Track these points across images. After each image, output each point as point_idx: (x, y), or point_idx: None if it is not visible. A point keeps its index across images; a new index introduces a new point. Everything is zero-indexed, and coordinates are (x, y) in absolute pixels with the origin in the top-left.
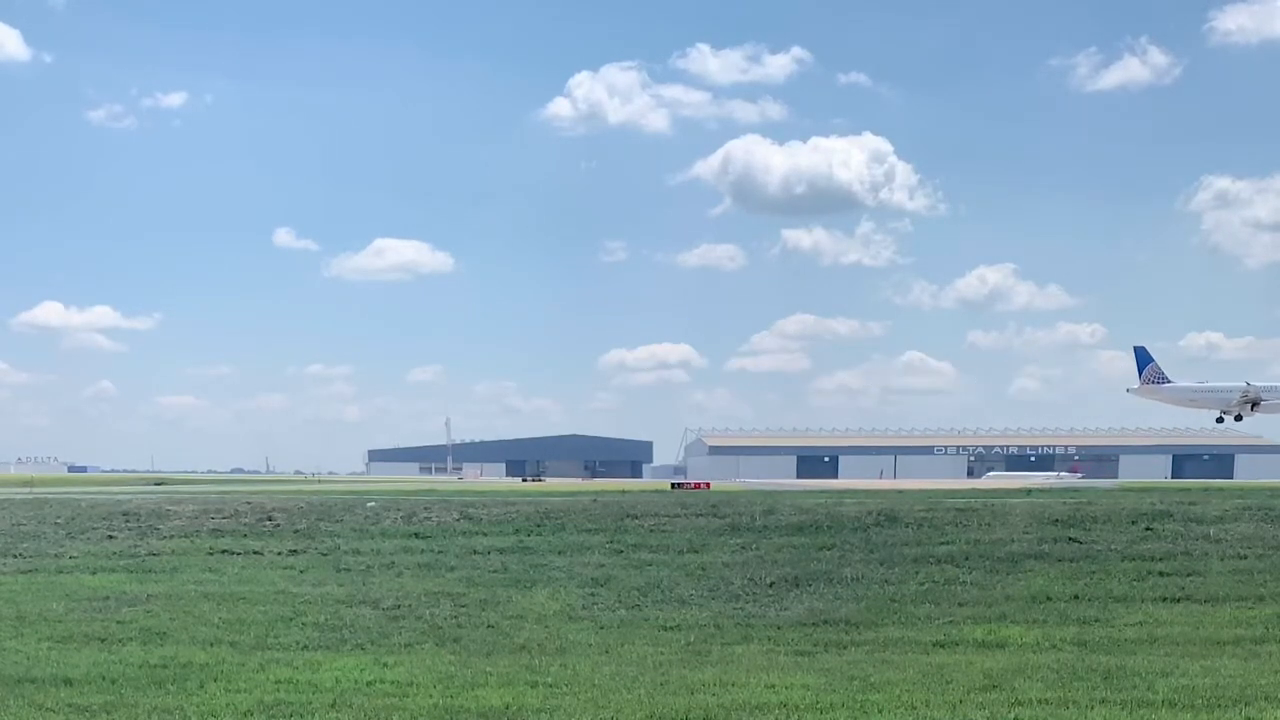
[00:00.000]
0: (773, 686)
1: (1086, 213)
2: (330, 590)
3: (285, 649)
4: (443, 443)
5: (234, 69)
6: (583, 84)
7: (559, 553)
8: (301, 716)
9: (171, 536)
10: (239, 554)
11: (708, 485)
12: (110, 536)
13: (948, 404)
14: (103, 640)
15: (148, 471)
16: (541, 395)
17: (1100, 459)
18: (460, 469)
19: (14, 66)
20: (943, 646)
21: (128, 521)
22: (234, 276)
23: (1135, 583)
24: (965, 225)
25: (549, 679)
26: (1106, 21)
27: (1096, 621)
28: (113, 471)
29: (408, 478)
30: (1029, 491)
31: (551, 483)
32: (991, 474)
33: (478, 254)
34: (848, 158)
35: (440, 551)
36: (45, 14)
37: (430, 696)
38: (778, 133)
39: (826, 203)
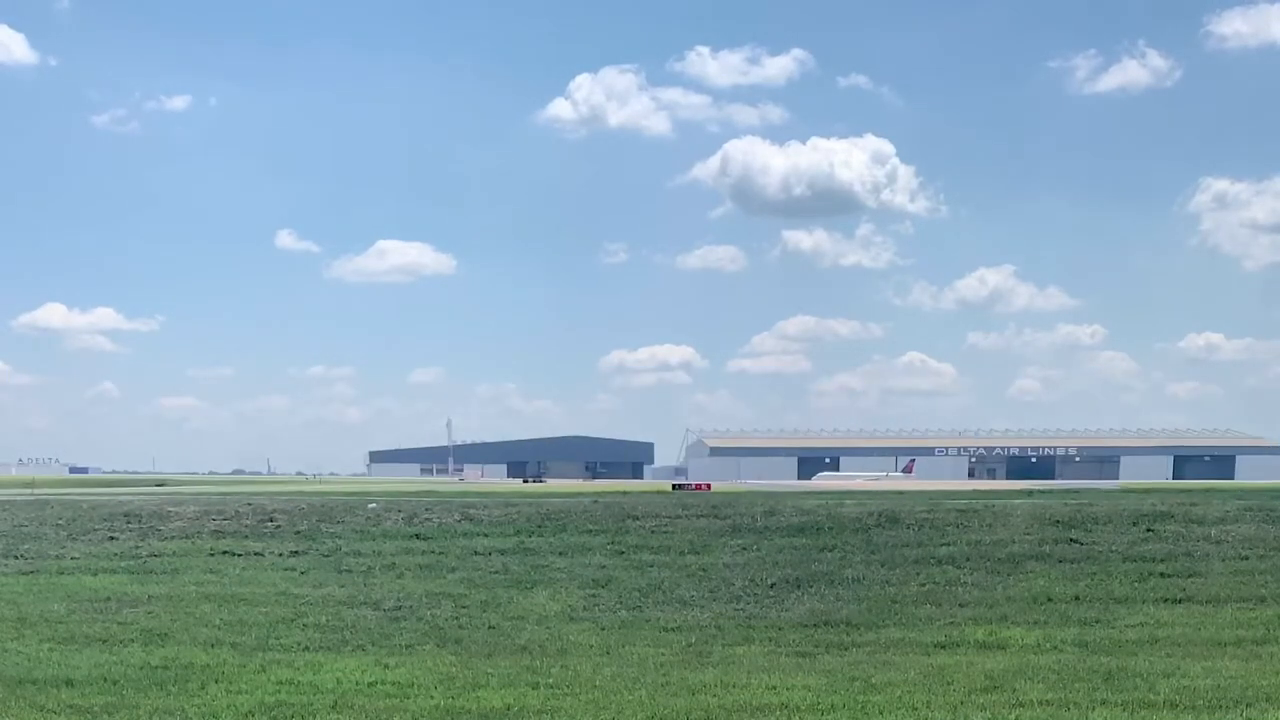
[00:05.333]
0: (774, 687)
1: (1086, 214)
2: (331, 591)
3: (286, 650)
4: (444, 444)
5: (237, 72)
6: (583, 86)
7: (560, 554)
8: (303, 717)
9: (173, 538)
10: (240, 555)
11: (709, 486)
12: (111, 538)
13: (948, 405)
14: (104, 641)
15: (149, 473)
16: (542, 396)
17: (1101, 460)
18: (461, 470)
19: (19, 70)
20: (944, 647)
21: (129, 523)
22: (236, 278)
23: (1136, 584)
24: (965, 227)
25: (550, 680)
26: (1105, 25)
27: (1098, 622)
28: (114, 473)
29: (409, 479)
30: (1030, 493)
31: (552, 484)
32: (822, 475)
33: (479, 256)
34: (849, 159)
35: (441, 553)
36: (50, 18)
37: (431, 697)
38: (778, 135)
39: (827, 204)
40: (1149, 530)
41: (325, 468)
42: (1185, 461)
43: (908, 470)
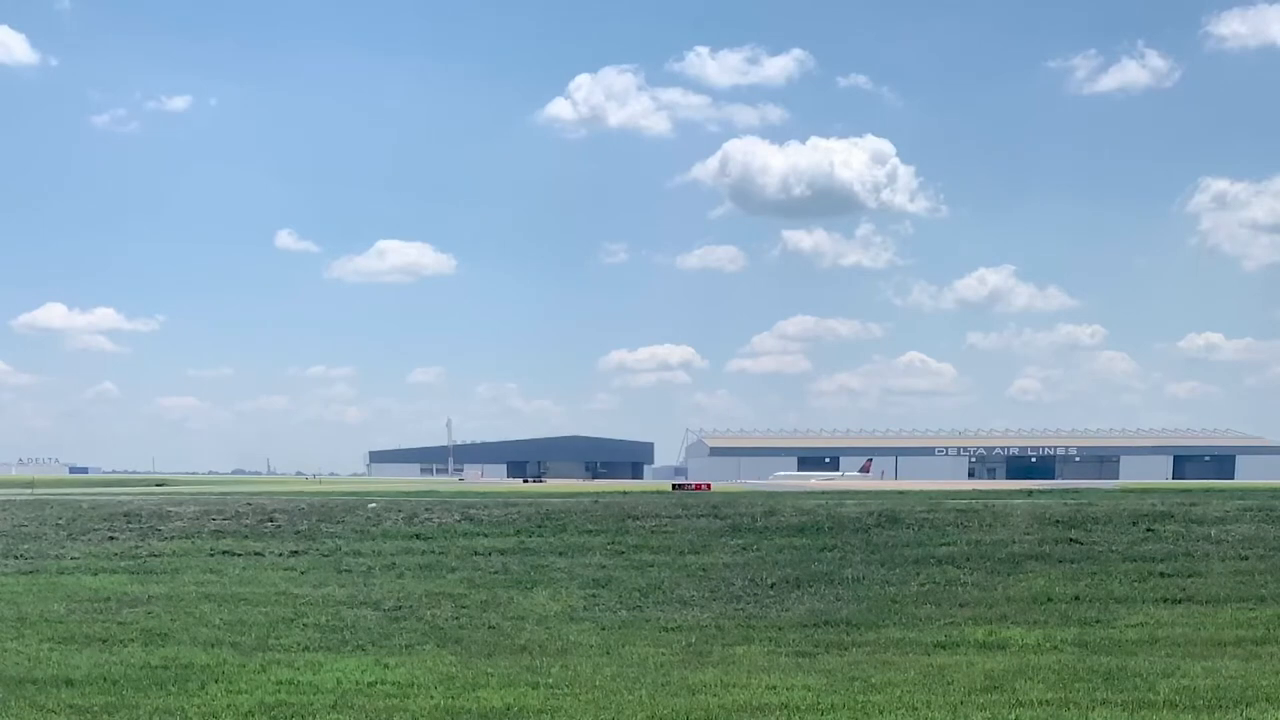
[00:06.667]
0: (774, 687)
1: (1086, 214)
2: (331, 591)
3: (286, 650)
4: (444, 444)
5: (237, 73)
6: (582, 86)
7: (560, 554)
8: (303, 717)
9: (173, 537)
10: (240, 555)
11: (709, 486)
12: (111, 537)
13: (948, 405)
14: (104, 641)
15: (149, 472)
16: (542, 396)
17: (1101, 460)
18: (461, 470)
19: (20, 70)
20: (944, 647)
21: (129, 522)
22: (236, 278)
23: (1136, 584)
24: (965, 227)
25: (550, 680)
26: (1104, 25)
27: (1097, 622)
28: (114, 472)
29: (409, 479)
30: (1030, 493)
31: (552, 484)
32: (778, 474)
33: (479, 255)
34: (849, 159)
35: (441, 553)
36: (51, 18)
37: (431, 697)
38: (778, 135)
39: (827, 204)
40: (1149, 530)
41: (325, 468)
42: (1185, 461)
43: (864, 470)
